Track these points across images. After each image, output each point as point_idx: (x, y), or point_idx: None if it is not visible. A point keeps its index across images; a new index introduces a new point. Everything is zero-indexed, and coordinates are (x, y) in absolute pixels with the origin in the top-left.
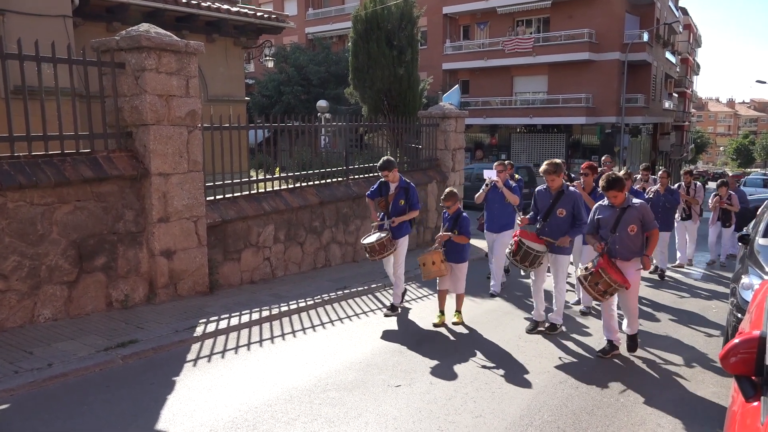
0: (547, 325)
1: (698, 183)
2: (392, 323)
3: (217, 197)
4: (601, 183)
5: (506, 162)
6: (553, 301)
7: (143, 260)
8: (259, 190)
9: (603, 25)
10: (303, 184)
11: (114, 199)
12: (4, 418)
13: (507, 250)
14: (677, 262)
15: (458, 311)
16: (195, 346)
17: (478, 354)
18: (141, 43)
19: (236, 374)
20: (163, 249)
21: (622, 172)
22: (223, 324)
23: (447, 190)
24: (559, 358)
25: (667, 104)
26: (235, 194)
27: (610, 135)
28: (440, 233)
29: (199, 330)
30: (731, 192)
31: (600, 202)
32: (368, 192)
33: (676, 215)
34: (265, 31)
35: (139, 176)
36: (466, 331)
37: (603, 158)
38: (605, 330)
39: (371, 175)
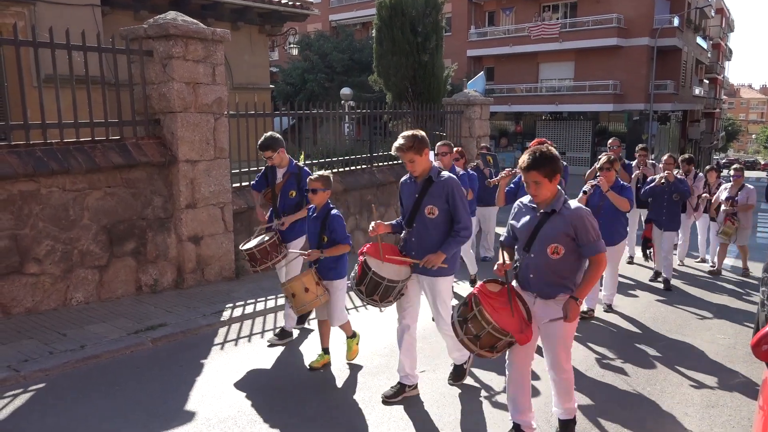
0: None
1: (700, 173)
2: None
3: (243, 184)
4: (522, 158)
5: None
6: (445, 339)
7: (171, 246)
8: None
9: (632, 9)
10: (327, 171)
11: (143, 185)
12: (39, 397)
13: (351, 275)
14: (699, 258)
15: (351, 337)
16: (222, 330)
17: None
18: (168, 31)
19: (262, 357)
20: (190, 235)
21: (603, 159)
22: (249, 309)
23: (319, 172)
24: (586, 346)
25: (697, 91)
26: None
27: (638, 122)
28: (309, 250)
29: (225, 314)
30: (722, 180)
31: (521, 200)
32: (252, 182)
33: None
34: (289, 18)
35: (167, 163)
36: None
37: (610, 141)
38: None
39: (395, 162)
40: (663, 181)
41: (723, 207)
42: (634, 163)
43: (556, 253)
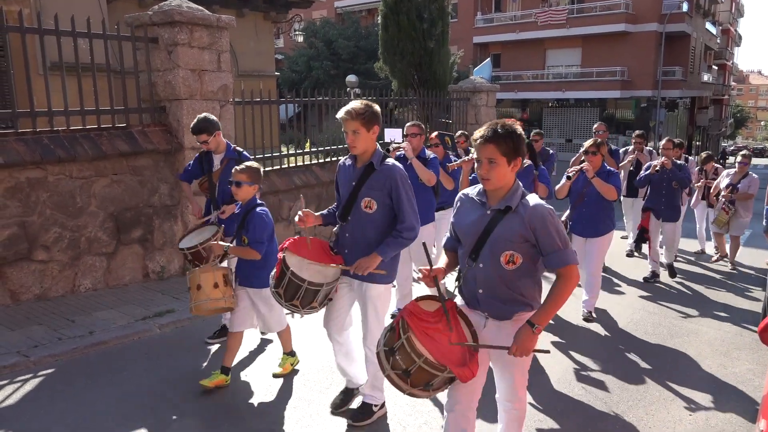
0: (358, 404)
1: (690, 158)
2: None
3: None
4: (478, 130)
5: (538, 132)
6: (366, 364)
7: (178, 233)
8: (290, 165)
9: None
10: (333, 159)
11: (149, 172)
12: (48, 382)
13: (272, 274)
14: (699, 248)
15: (288, 354)
16: (228, 316)
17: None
18: (173, 17)
19: (267, 343)
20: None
21: (588, 142)
22: None
23: (247, 163)
24: (592, 332)
25: (705, 77)
26: (266, 168)
27: (645, 109)
28: (214, 240)
29: None
30: (718, 166)
31: (465, 191)
32: (180, 172)
33: (691, 199)
34: (294, 5)
35: (173, 150)
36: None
37: (595, 126)
38: None
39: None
40: (657, 168)
41: (722, 194)
42: (630, 149)
43: (511, 262)
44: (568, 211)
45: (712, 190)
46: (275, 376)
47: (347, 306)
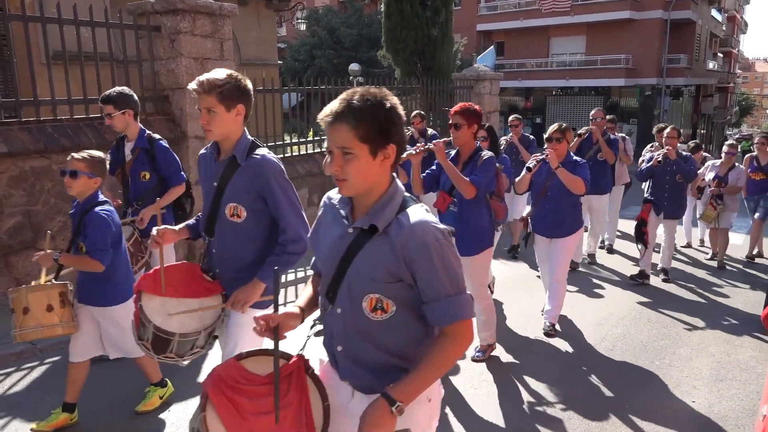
0: None
1: (626, 136)
2: None
3: None
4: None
5: (517, 117)
6: None
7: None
8: (293, 154)
9: None
10: None
11: None
12: (55, 370)
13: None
14: (685, 242)
15: (156, 384)
16: None
17: (511, 319)
18: (176, 5)
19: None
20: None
21: (552, 128)
22: None
23: (89, 151)
24: (596, 320)
25: (711, 65)
26: None
27: (649, 97)
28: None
29: None
30: (705, 155)
31: (329, 194)
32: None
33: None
34: None
35: (177, 139)
36: (500, 295)
37: (593, 112)
38: None
39: None
40: (660, 159)
41: (710, 188)
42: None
43: (380, 309)
44: (529, 207)
45: (696, 182)
46: (138, 413)
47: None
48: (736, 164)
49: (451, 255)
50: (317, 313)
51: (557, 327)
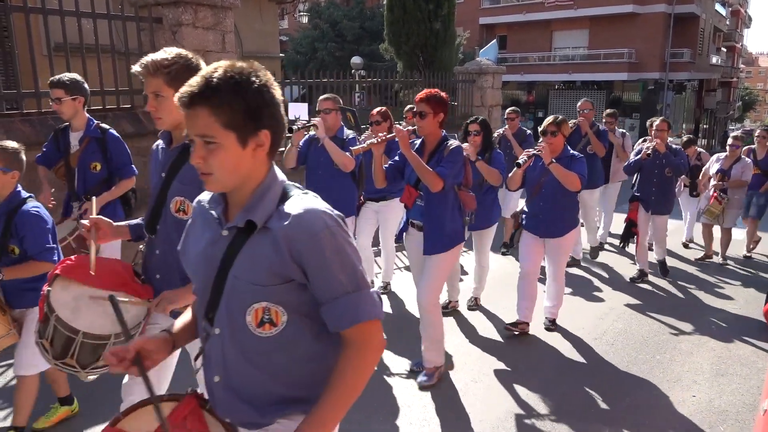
0: None
1: (624, 131)
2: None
3: None
4: None
5: (514, 109)
6: None
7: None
8: None
9: None
10: None
11: None
12: None
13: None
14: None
15: (64, 402)
16: None
17: (510, 315)
18: None
19: None
20: None
21: (548, 120)
22: None
23: (3, 142)
24: (595, 315)
25: (714, 59)
26: None
27: (652, 92)
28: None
29: None
30: (701, 150)
31: (202, 195)
32: (38, 155)
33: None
34: None
35: None
36: (497, 290)
37: (579, 104)
38: None
39: None
40: (649, 152)
41: (713, 182)
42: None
43: (268, 323)
44: (523, 202)
45: (701, 178)
46: (36, 426)
47: (172, 359)
48: (743, 157)
49: (346, 245)
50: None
51: (557, 322)
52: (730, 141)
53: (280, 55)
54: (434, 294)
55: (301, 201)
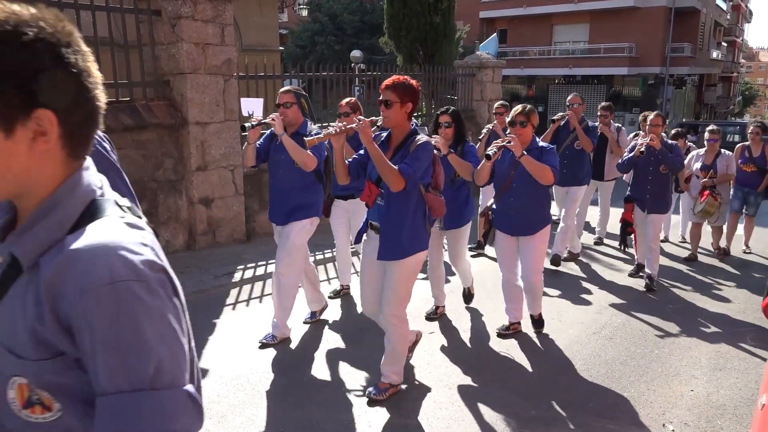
0: None
1: (621, 126)
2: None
3: None
4: None
5: (503, 103)
6: None
7: (183, 208)
8: None
9: None
10: None
11: (153, 147)
12: None
13: None
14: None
15: None
16: (233, 291)
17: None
18: None
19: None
20: (201, 197)
21: (517, 109)
22: (260, 270)
23: None
24: (594, 309)
25: (714, 54)
26: None
27: (652, 86)
28: None
29: (237, 276)
30: (690, 144)
31: None
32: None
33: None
34: None
35: (177, 125)
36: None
37: (569, 98)
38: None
39: None
40: (643, 149)
41: (701, 180)
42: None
43: (39, 404)
44: (491, 200)
45: (683, 175)
46: None
47: None
48: (722, 151)
49: (143, 317)
50: None
51: (558, 319)
52: (707, 135)
53: (280, 48)
54: (397, 306)
55: (99, 231)
